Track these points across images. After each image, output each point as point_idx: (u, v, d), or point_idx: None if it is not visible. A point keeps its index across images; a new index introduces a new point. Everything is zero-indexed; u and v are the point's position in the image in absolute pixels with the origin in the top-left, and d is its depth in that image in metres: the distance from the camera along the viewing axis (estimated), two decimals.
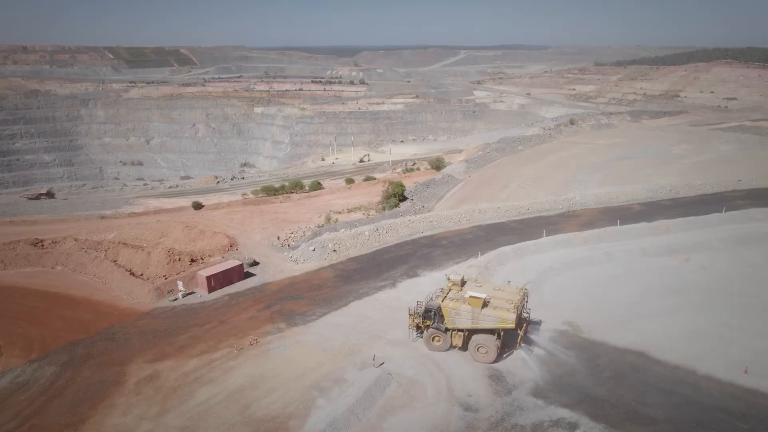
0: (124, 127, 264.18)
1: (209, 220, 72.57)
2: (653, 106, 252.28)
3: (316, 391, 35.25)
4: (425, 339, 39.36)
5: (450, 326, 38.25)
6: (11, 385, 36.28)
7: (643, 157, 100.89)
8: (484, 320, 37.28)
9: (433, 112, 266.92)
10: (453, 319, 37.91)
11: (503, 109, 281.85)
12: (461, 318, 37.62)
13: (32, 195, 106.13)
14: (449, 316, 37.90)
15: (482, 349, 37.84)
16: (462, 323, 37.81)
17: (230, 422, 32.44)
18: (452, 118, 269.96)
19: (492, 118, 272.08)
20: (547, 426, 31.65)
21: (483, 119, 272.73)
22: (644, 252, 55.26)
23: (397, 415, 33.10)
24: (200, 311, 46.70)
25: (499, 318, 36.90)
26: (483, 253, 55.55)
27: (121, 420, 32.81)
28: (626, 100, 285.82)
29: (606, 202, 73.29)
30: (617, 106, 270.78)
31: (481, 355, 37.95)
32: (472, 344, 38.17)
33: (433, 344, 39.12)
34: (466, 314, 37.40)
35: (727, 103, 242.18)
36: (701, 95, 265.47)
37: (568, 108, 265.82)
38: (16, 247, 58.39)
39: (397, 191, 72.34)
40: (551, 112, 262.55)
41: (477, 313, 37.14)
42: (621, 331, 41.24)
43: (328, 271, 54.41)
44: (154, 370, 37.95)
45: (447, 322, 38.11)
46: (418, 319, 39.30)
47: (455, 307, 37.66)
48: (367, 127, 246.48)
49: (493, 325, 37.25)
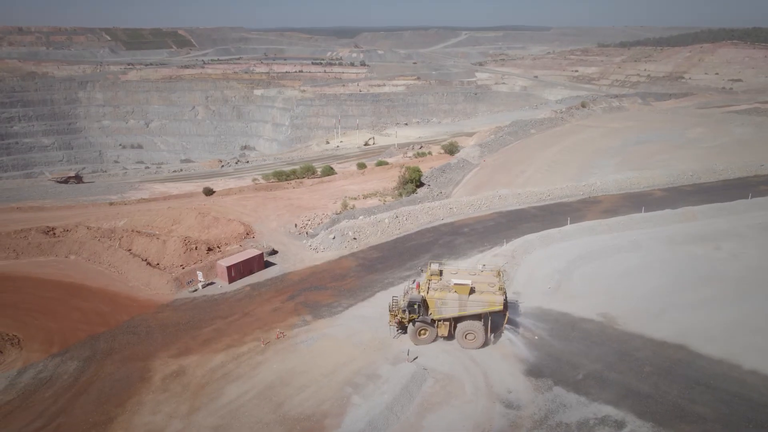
0: (123, 110, 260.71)
1: (221, 206, 71.04)
2: (657, 88, 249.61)
3: (350, 387, 34.11)
4: (411, 334, 38.01)
5: (436, 317, 37.33)
6: (34, 380, 35.10)
7: (658, 141, 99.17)
8: (472, 306, 36.69)
9: (434, 95, 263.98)
10: (439, 309, 37.02)
11: (505, 91, 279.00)
12: (448, 307, 36.84)
13: (61, 178, 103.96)
14: (435, 306, 36.94)
15: (470, 336, 37.28)
16: (449, 312, 37.00)
17: (264, 421, 31.31)
18: (454, 101, 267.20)
19: (494, 100, 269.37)
20: (593, 424, 30.59)
21: (485, 101, 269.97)
22: (672, 240, 53.99)
23: (436, 412, 32.01)
24: (222, 303, 45.43)
25: (487, 302, 36.56)
26: (508, 242, 54.16)
27: (150, 418, 31.68)
28: (630, 81, 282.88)
29: (627, 188, 71.83)
30: (620, 88, 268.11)
31: (470, 342, 37.37)
32: (459, 332, 37.43)
33: (420, 338, 38.01)
34: (453, 302, 36.69)
35: (732, 85, 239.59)
36: (706, 77, 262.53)
37: (571, 90, 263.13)
38: (27, 236, 56.92)
39: (414, 177, 70.72)
40: (554, 94, 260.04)
41: (465, 300, 36.55)
42: (657, 323, 40.10)
43: (350, 259, 53.07)
44: (180, 365, 36.76)
45: (433, 312, 37.19)
46: (401, 315, 37.90)
47: (441, 297, 36.76)
48: (368, 110, 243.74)
49: (481, 310, 36.79)
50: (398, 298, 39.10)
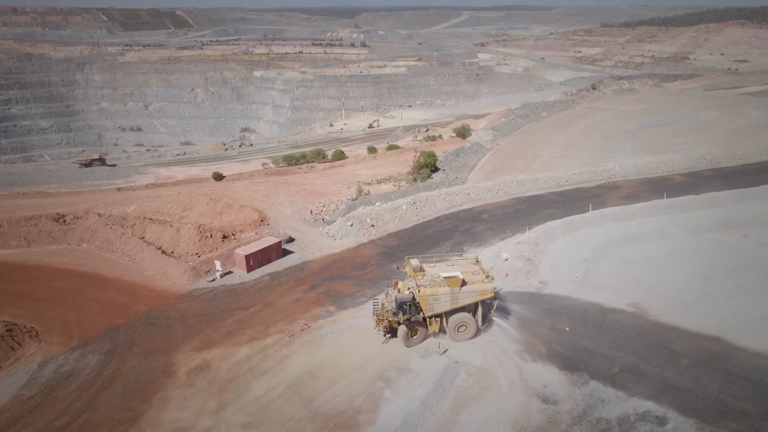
0: (122, 92, 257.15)
1: (233, 191, 69.66)
2: (662, 69, 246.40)
3: (381, 381, 33.23)
4: (403, 336, 35.87)
5: (428, 314, 35.63)
6: (56, 375, 34.18)
7: (673, 124, 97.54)
8: (465, 298, 35.72)
9: (436, 76, 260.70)
10: (432, 306, 35.37)
11: (507, 73, 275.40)
12: (440, 302, 35.39)
13: (85, 161, 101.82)
14: (428, 303, 35.20)
15: (462, 328, 36.37)
16: (441, 307, 35.61)
17: (295, 418, 30.45)
18: (455, 82, 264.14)
19: (496, 81, 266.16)
20: (634, 420, 29.78)
21: (487, 83, 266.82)
22: (698, 227, 52.86)
23: (471, 407, 31.16)
24: (242, 293, 44.38)
25: (479, 291, 35.78)
26: (530, 228, 52.98)
27: (177, 415, 30.80)
28: (633, 62, 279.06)
29: (646, 173, 70.53)
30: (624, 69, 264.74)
31: (462, 334, 36.50)
32: (451, 325, 36.20)
33: (412, 340, 36.16)
34: (445, 297, 35.32)
35: (738, 66, 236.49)
36: (711, 57, 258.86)
37: (574, 71, 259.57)
38: (38, 223, 55.64)
39: (429, 161, 69.23)
40: (557, 76, 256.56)
41: (457, 292, 35.39)
42: (690, 314, 39.15)
43: (369, 247, 51.94)
44: (204, 359, 35.84)
45: (425, 310, 35.45)
46: (390, 317, 35.66)
47: (433, 293, 35.07)
48: (369, 91, 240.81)
49: (473, 300, 35.88)
50: (380, 301, 37.23)
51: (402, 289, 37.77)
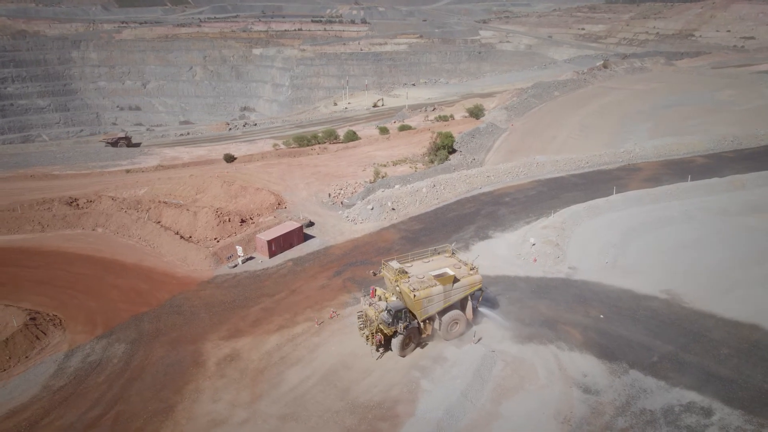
0: (119, 71, 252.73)
1: (245, 174, 68.33)
2: (666, 47, 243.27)
3: (416, 371, 32.55)
4: (399, 347, 32.95)
5: (423, 317, 33.46)
6: (84, 364, 33.41)
7: (688, 103, 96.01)
8: (456, 294, 34.10)
9: (437, 53, 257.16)
10: (426, 309, 33.20)
11: (510, 50, 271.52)
12: (434, 303, 33.33)
13: (111, 139, 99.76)
14: (422, 307, 32.94)
15: (454, 325, 34.61)
16: (434, 308, 33.57)
17: (333, 409, 29.78)
18: (457, 60, 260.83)
19: (498, 59, 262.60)
20: (679, 411, 29.19)
21: (489, 60, 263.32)
22: (725, 211, 52.01)
23: (511, 398, 30.54)
24: (265, 279, 43.48)
25: (469, 285, 34.42)
26: (555, 212, 52.00)
27: (211, 407, 30.10)
28: (638, 40, 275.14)
29: (666, 155, 69.37)
30: (628, 46, 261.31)
31: (455, 332, 34.73)
32: (444, 325, 34.23)
33: (408, 350, 33.65)
34: (438, 297, 33.30)
35: (744, 43, 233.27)
36: (717, 34, 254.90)
37: (578, 49, 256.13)
38: (51, 207, 54.45)
39: (446, 143, 67.81)
40: (560, 53, 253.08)
41: (450, 290, 33.63)
42: (726, 301, 38.41)
43: (391, 232, 50.96)
44: (233, 348, 35.07)
45: (420, 314, 33.18)
46: (385, 329, 32.48)
47: (428, 295, 32.85)
48: (370, 69, 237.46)
49: (464, 295, 34.41)
50: (364, 312, 34.17)
51: (386, 296, 34.70)
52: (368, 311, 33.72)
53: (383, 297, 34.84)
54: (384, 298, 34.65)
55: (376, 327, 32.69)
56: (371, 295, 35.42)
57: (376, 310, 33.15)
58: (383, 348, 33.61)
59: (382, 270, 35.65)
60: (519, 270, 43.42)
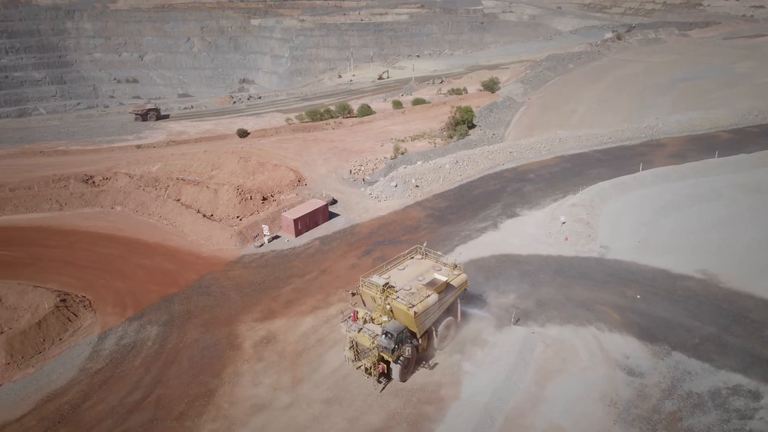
0: (115, 42, 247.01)
1: (260, 149, 67.03)
2: (673, 17, 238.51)
3: (457, 354, 32.13)
4: (400, 372, 29.57)
5: (421, 333, 30.61)
6: (118, 347, 32.93)
7: (707, 76, 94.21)
8: (449, 299, 31.77)
9: (439, 24, 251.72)
10: (424, 324, 30.29)
11: (513, 20, 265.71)
12: (430, 316, 30.51)
13: (140, 110, 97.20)
14: (421, 323, 29.82)
15: (446, 332, 32.35)
16: (431, 320, 30.88)
17: (375, 393, 29.42)
18: (459, 30, 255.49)
19: (501, 30, 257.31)
20: (726, 394, 28.88)
21: (491, 31, 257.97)
22: (756, 188, 51.20)
23: (555, 380, 30.19)
24: (293, 259, 42.79)
25: (458, 286, 32.22)
26: (582, 189, 51.13)
27: (253, 391, 29.71)
28: (644, 9, 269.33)
29: (689, 130, 68.13)
30: (633, 16, 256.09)
31: (448, 339, 32.62)
32: (440, 334, 31.84)
33: (409, 370, 30.40)
34: (434, 307, 30.51)
35: (754, 12, 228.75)
36: (725, 3, 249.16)
37: (582, 19, 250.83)
38: (67, 185, 53.38)
39: (466, 117, 66.39)
40: (565, 24, 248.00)
41: (443, 297, 31.11)
42: (764, 281, 37.91)
43: (417, 209, 50.11)
44: (268, 330, 34.59)
45: (419, 331, 30.13)
46: (388, 356, 28.82)
47: (425, 309, 29.66)
48: (371, 40, 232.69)
49: (454, 297, 32.23)
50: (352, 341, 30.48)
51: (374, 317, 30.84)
52: (359, 339, 29.99)
53: (367, 319, 31.01)
54: (369, 320, 30.96)
55: (377, 355, 29.15)
56: (352, 319, 31.27)
57: (369, 335, 29.61)
58: (385, 377, 30.03)
59: (360, 288, 31.29)
60: (551, 249, 42.75)
